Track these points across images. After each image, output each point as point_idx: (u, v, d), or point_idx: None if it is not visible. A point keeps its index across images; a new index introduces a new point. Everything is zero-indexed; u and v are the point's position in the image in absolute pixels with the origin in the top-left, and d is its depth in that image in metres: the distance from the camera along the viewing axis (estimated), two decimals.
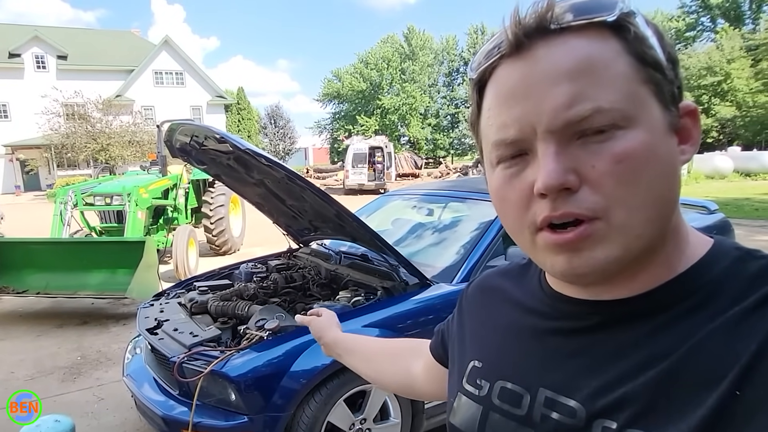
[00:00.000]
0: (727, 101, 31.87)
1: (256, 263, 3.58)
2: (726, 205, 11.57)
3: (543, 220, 0.48)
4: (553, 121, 0.46)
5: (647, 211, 0.47)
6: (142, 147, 25.49)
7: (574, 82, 0.45)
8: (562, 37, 0.47)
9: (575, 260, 0.48)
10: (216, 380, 2.19)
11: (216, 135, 2.44)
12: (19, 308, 5.69)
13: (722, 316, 0.46)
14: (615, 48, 0.47)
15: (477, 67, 0.53)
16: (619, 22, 0.46)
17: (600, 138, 0.46)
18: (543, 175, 0.46)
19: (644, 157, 0.46)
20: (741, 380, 0.42)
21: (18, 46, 30.04)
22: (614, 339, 0.52)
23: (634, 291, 0.52)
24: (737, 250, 0.51)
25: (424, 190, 4.08)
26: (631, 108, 0.46)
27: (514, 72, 0.49)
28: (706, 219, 3.86)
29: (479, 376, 0.64)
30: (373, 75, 43.49)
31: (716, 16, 38.28)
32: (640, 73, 0.47)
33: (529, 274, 0.69)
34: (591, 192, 0.46)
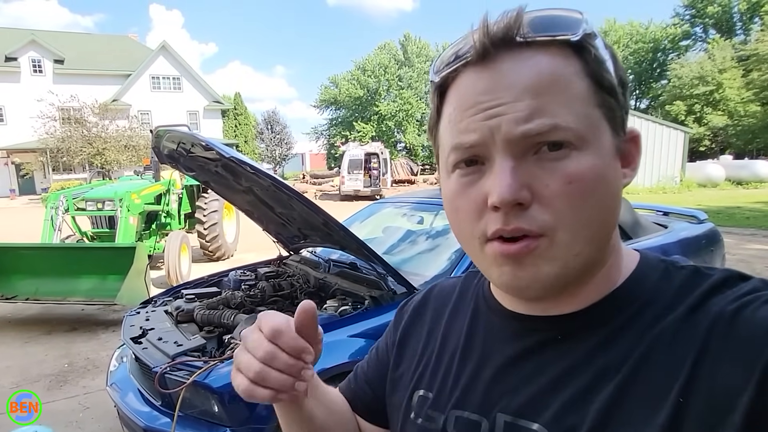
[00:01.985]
0: (719, 110, 32.18)
1: (246, 271, 3.56)
2: (718, 214, 11.65)
3: (494, 233, 0.49)
4: (512, 131, 0.46)
5: (589, 231, 0.48)
6: (138, 152, 25.47)
7: (536, 97, 0.46)
8: (527, 51, 0.47)
9: (519, 272, 0.49)
10: (199, 391, 2.16)
11: (202, 142, 2.43)
12: (8, 314, 5.63)
13: (660, 324, 0.48)
14: (575, 68, 0.47)
15: (440, 71, 0.52)
16: (581, 43, 0.47)
17: (554, 156, 0.46)
18: (498, 188, 0.46)
19: (593, 180, 0.47)
20: (684, 388, 0.43)
21: (15, 50, 29.98)
22: (567, 356, 0.52)
23: (576, 306, 0.53)
24: (662, 262, 0.54)
25: (416, 198, 4.08)
26: (587, 130, 0.47)
27: (479, 80, 0.49)
28: (696, 228, 3.86)
29: (429, 408, 0.61)
30: (370, 81, 43.64)
31: (708, 26, 38.63)
32: (596, 96, 0.48)
33: (470, 291, 0.68)
34: (541, 210, 0.47)
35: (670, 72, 36.42)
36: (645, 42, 41.28)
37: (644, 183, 20.45)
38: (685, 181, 20.76)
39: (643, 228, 3.53)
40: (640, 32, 41.88)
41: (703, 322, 0.45)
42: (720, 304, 0.46)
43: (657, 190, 19.85)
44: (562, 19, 0.47)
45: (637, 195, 17.94)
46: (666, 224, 3.88)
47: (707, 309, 0.46)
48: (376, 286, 2.71)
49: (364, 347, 2.34)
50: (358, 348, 2.33)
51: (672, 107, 33.53)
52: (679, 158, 21.04)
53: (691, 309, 0.47)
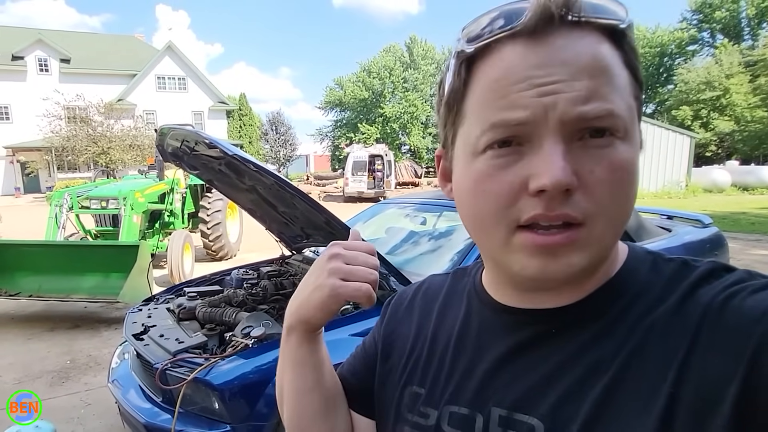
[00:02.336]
0: (725, 116, 32.02)
1: (248, 269, 3.57)
2: (723, 219, 11.59)
3: (530, 218, 0.46)
4: (569, 111, 0.44)
5: (619, 222, 0.48)
6: (142, 151, 25.55)
7: (593, 79, 0.44)
8: (580, 31, 0.45)
9: (551, 264, 0.47)
10: (199, 388, 2.17)
11: (206, 140, 2.44)
12: (11, 311, 5.66)
13: (651, 315, 0.48)
14: (619, 58, 0.47)
15: (475, 40, 0.48)
16: (626, 32, 0.47)
17: (600, 143, 0.45)
18: (552, 171, 0.44)
19: (631, 172, 0.47)
20: (676, 379, 0.43)
21: (21, 49, 30.19)
22: (561, 349, 0.51)
23: (573, 298, 0.52)
24: (650, 255, 0.55)
25: (419, 199, 4.07)
26: (630, 121, 0.47)
27: (529, 54, 0.45)
28: (701, 233, 3.84)
29: (422, 404, 0.60)
30: (375, 83, 43.67)
31: (716, 31, 38.52)
32: (634, 89, 0.48)
33: (461, 287, 0.67)
34: (585, 197, 0.45)
35: (676, 77, 36.26)
36: (652, 46, 41.12)
37: (649, 188, 20.38)
38: (691, 186, 20.67)
39: (647, 231, 3.52)
40: (647, 37, 41.74)
41: (693, 313, 0.45)
42: (708, 294, 0.46)
43: (662, 195, 19.77)
44: (612, 6, 0.46)
45: (642, 199, 17.88)
46: (670, 228, 3.86)
47: (696, 300, 0.46)
48: (378, 286, 2.71)
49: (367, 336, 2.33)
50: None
51: (678, 112, 33.39)
52: (685, 163, 20.96)
53: (681, 300, 0.47)
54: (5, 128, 29.99)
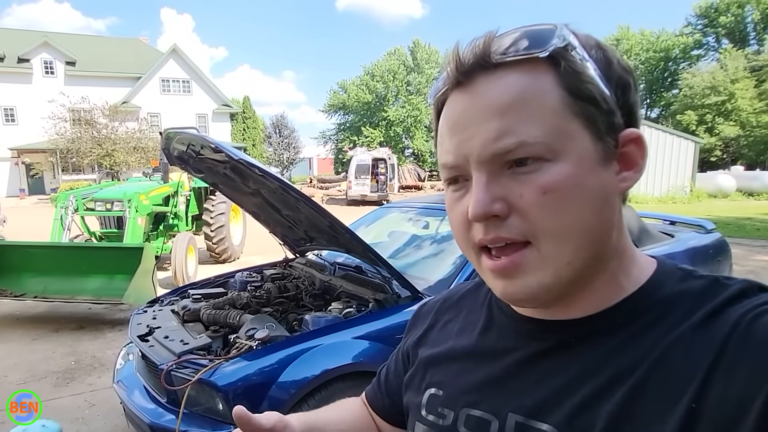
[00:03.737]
0: (731, 121, 31.97)
1: (252, 272, 3.59)
2: (727, 225, 11.56)
3: (478, 242, 0.52)
4: (482, 153, 0.49)
5: (577, 239, 0.49)
6: (146, 153, 25.65)
7: (503, 117, 0.48)
8: (499, 71, 0.50)
9: (509, 286, 0.52)
10: (204, 389, 2.19)
11: (211, 144, 2.47)
12: (16, 311, 5.69)
13: (676, 331, 0.48)
14: (548, 81, 0.49)
15: (434, 95, 0.56)
16: (553, 57, 0.48)
17: (527, 169, 0.49)
18: (472, 204, 0.50)
19: (569, 189, 0.48)
20: (698, 394, 0.43)
21: (27, 52, 30.35)
22: (580, 359, 0.52)
23: (588, 310, 0.53)
24: (680, 271, 0.54)
25: (422, 203, 4.09)
26: (557, 142, 0.48)
27: (458, 104, 0.52)
28: (703, 238, 3.84)
29: (440, 405, 0.63)
30: (379, 87, 43.75)
31: (721, 36, 38.44)
32: (572, 107, 0.49)
33: (482, 296, 0.70)
34: (520, 220, 0.49)
35: (681, 81, 36.21)
36: (656, 51, 41.11)
37: (653, 193, 20.33)
38: (695, 191, 20.62)
39: (650, 236, 3.52)
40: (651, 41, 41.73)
41: (720, 329, 0.45)
42: (737, 312, 0.46)
43: (666, 200, 19.73)
44: (533, 36, 0.49)
45: (646, 204, 17.85)
46: (673, 233, 3.86)
47: (725, 317, 0.46)
48: (380, 290, 2.73)
49: (368, 349, 2.35)
50: (362, 350, 2.34)
51: (683, 117, 33.35)
52: (690, 168, 20.92)
53: (708, 317, 0.47)
54: (11, 130, 30.15)
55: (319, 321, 2.49)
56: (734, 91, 31.32)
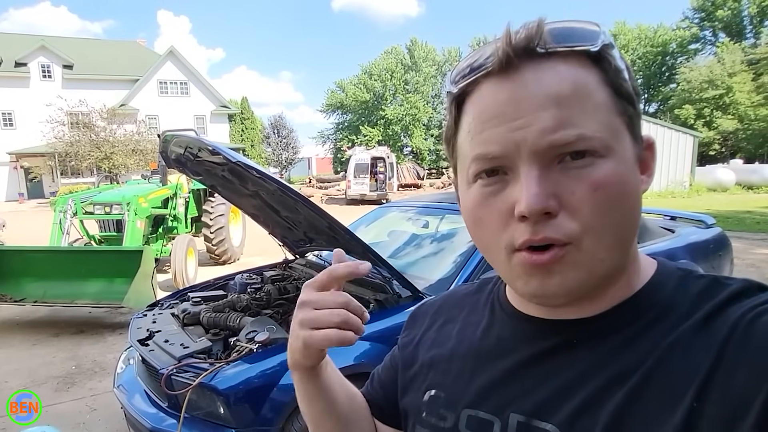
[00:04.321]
0: (729, 114, 31.95)
1: (251, 274, 3.57)
2: (727, 218, 11.55)
3: (522, 243, 0.49)
4: (539, 142, 0.47)
5: (614, 237, 0.49)
6: (145, 156, 25.60)
7: (560, 107, 0.47)
8: (549, 61, 0.48)
9: (548, 281, 0.49)
10: (204, 393, 2.18)
11: (208, 147, 2.45)
12: (16, 316, 5.68)
13: (676, 331, 0.48)
14: (596, 78, 0.48)
15: (459, 82, 0.52)
16: (600, 53, 0.48)
17: (580, 164, 0.47)
18: (527, 198, 0.47)
19: (618, 187, 0.48)
20: (699, 394, 0.43)
21: (24, 56, 30.32)
22: (582, 359, 0.52)
23: (595, 310, 0.53)
24: (680, 271, 0.55)
25: (421, 202, 4.08)
26: (610, 138, 0.48)
27: (501, 90, 0.49)
28: (704, 233, 3.83)
29: (441, 407, 0.62)
30: (377, 86, 43.73)
31: (718, 29, 38.42)
32: (617, 105, 0.49)
33: (483, 297, 0.69)
34: (569, 218, 0.47)
35: (679, 76, 36.15)
36: (654, 45, 41.05)
37: (653, 187, 20.31)
38: (695, 185, 20.60)
39: (650, 232, 3.52)
40: (649, 36, 41.68)
41: (720, 329, 0.46)
42: (737, 312, 0.46)
43: (666, 195, 19.71)
44: (581, 31, 0.48)
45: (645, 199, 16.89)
46: (673, 229, 3.85)
47: (724, 317, 0.46)
48: (381, 290, 2.72)
49: (369, 350, 2.34)
50: (363, 350, 2.34)
51: (681, 111, 33.32)
52: (689, 162, 20.90)
53: (707, 317, 0.47)
54: (9, 134, 30.12)
55: None
56: (732, 85, 31.28)
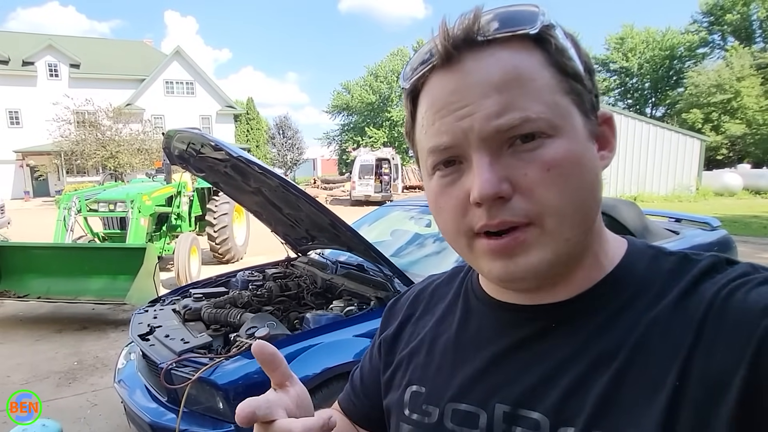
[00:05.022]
0: (737, 119, 31.72)
1: (253, 271, 3.58)
2: (734, 223, 11.48)
3: (480, 228, 0.50)
4: (485, 128, 0.47)
5: (575, 215, 0.49)
6: (150, 155, 25.75)
7: (503, 93, 0.47)
8: (489, 48, 0.48)
9: (511, 265, 0.50)
10: (204, 387, 2.17)
11: (211, 142, 2.46)
12: (20, 312, 5.71)
13: (654, 310, 0.48)
14: (538, 59, 0.49)
15: (409, 78, 0.54)
16: (540, 35, 0.48)
17: (530, 146, 0.47)
18: (478, 184, 0.47)
19: (571, 165, 0.48)
20: (681, 374, 0.44)
21: (32, 55, 30.53)
22: (563, 344, 0.52)
23: (568, 293, 0.53)
24: (651, 249, 0.55)
25: (424, 202, 4.07)
26: (557, 118, 0.48)
27: (446, 83, 0.50)
28: (709, 235, 3.81)
29: (424, 402, 0.61)
30: (383, 87, 43.78)
31: (727, 33, 38.21)
32: (562, 84, 0.49)
33: (455, 287, 0.68)
34: (523, 200, 0.48)
35: (686, 80, 35.98)
36: (662, 49, 40.85)
37: (659, 191, 20.22)
38: (702, 189, 20.47)
39: (653, 234, 3.49)
40: (657, 39, 41.49)
41: (697, 307, 0.46)
42: (712, 289, 0.46)
43: (672, 199, 19.60)
44: (519, 14, 0.48)
45: (651, 203, 17.74)
46: (678, 231, 3.83)
47: (700, 294, 0.47)
48: (382, 288, 2.71)
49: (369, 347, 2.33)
50: (363, 348, 2.32)
51: (688, 115, 33.11)
52: (695, 167, 20.76)
53: (683, 294, 0.48)
54: (15, 133, 30.31)
55: (320, 319, 2.47)
56: (740, 89, 31.06)
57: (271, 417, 0.46)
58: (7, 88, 30.07)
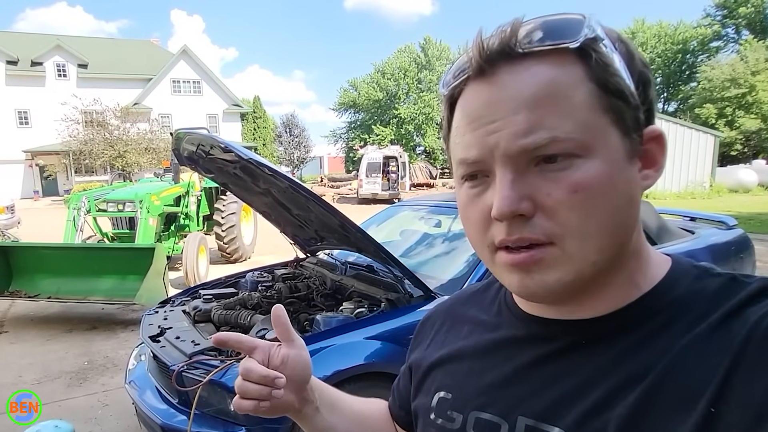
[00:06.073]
0: (751, 113, 31.27)
1: (262, 272, 3.57)
2: (749, 220, 11.34)
3: (499, 243, 0.50)
4: (510, 147, 0.46)
5: (602, 239, 0.47)
6: (158, 154, 25.92)
7: (533, 110, 0.45)
8: (526, 62, 0.47)
9: (526, 280, 0.49)
10: (215, 390, 2.16)
11: (221, 144, 2.44)
12: (30, 312, 5.74)
13: (691, 332, 0.46)
14: (578, 74, 0.46)
15: (447, 85, 0.53)
16: (583, 48, 0.46)
17: (557, 166, 0.46)
18: (497, 201, 0.47)
19: (600, 188, 0.46)
20: (716, 398, 0.41)
21: (40, 55, 30.75)
22: (591, 360, 0.51)
23: (601, 311, 0.52)
24: (695, 268, 0.53)
25: (434, 201, 4.04)
26: (589, 138, 0.46)
27: (480, 95, 0.49)
28: (725, 234, 3.74)
29: (449, 408, 0.61)
30: (390, 85, 43.69)
31: (741, 27, 37.71)
32: (602, 101, 0.46)
33: (490, 297, 0.68)
34: (545, 219, 0.47)
35: (699, 74, 35.48)
36: (674, 43, 40.40)
37: (672, 188, 20.01)
38: (715, 186, 20.23)
39: (669, 233, 3.44)
40: (669, 33, 41.05)
41: (739, 331, 0.43)
42: (757, 314, 0.44)
43: (685, 196, 19.40)
44: (564, 23, 0.46)
45: (664, 200, 17.55)
46: (693, 230, 3.77)
47: (744, 318, 0.44)
48: (392, 289, 2.69)
49: (380, 349, 2.31)
50: (374, 350, 2.31)
51: (702, 110, 32.65)
52: (709, 163, 20.52)
53: (725, 317, 0.45)
54: (24, 133, 30.55)
55: (331, 321, 2.45)
56: (755, 84, 30.56)
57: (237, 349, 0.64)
58: (16, 88, 30.30)
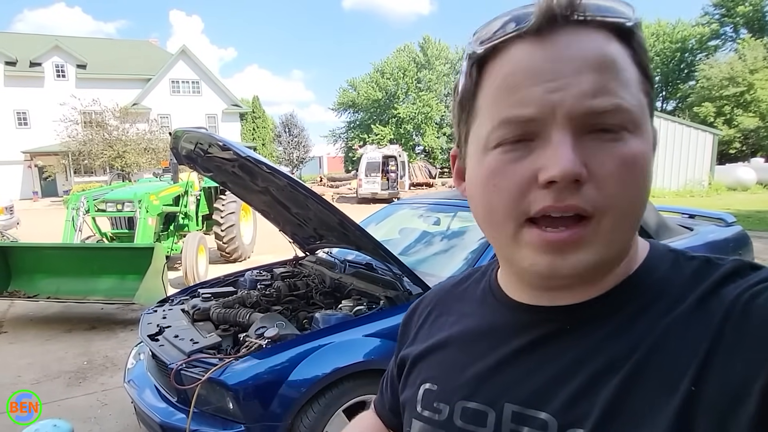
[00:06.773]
0: (750, 112, 31.24)
1: (261, 271, 3.57)
2: (748, 218, 11.34)
3: (540, 210, 0.46)
4: (576, 107, 0.45)
5: (632, 217, 0.48)
6: (157, 154, 25.91)
7: (599, 74, 0.45)
8: (584, 29, 0.46)
9: (559, 261, 0.48)
10: (214, 388, 2.16)
11: (219, 142, 2.44)
12: (30, 312, 5.74)
13: (671, 314, 0.47)
14: (627, 55, 0.47)
15: (486, 41, 0.49)
16: (632, 30, 0.47)
17: (610, 137, 0.46)
18: (560, 161, 0.44)
19: (643, 167, 0.47)
20: (697, 378, 0.42)
21: (39, 56, 30.68)
22: (576, 346, 0.51)
23: (590, 295, 0.52)
24: (672, 252, 0.54)
25: (433, 199, 4.04)
26: (640, 115, 0.47)
27: (536, 52, 0.46)
28: (724, 231, 3.75)
29: (435, 400, 0.61)
30: (389, 84, 43.68)
31: (739, 25, 37.70)
32: (644, 84, 0.48)
33: (473, 286, 0.68)
34: (595, 189, 0.45)
35: (698, 73, 35.42)
36: (672, 42, 40.39)
37: (671, 186, 19.99)
38: (714, 184, 20.19)
39: (668, 230, 3.44)
40: (667, 32, 41.02)
41: (717, 311, 0.45)
42: (733, 293, 0.45)
43: (684, 194, 19.37)
44: (617, 4, 0.47)
45: (663, 198, 17.54)
46: (692, 227, 3.77)
47: (720, 298, 0.46)
48: (391, 287, 2.69)
49: (379, 347, 2.31)
50: (373, 347, 2.31)
51: (700, 109, 32.58)
52: (708, 161, 20.48)
53: (703, 298, 0.47)
54: (23, 133, 30.49)
55: (330, 319, 2.46)
56: (753, 82, 30.50)
57: None
58: (15, 89, 30.22)
